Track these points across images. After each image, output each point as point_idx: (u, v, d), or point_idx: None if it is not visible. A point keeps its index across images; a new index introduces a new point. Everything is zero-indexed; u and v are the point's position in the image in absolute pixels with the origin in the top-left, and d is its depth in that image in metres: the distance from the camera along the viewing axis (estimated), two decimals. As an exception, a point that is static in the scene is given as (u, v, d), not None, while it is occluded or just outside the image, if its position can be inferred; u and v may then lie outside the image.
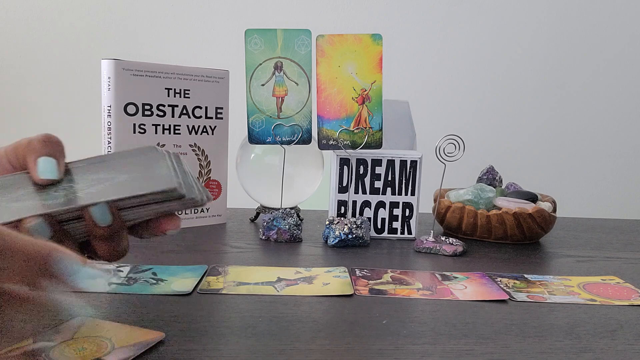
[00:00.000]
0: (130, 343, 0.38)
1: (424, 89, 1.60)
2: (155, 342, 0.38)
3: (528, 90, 1.62)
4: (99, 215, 0.35)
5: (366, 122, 0.72)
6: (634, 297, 0.52)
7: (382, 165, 0.71)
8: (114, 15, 1.53)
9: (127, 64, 0.68)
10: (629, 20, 1.60)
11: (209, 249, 0.64)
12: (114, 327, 0.40)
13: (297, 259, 0.62)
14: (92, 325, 0.41)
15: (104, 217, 0.35)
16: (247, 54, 0.71)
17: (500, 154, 1.57)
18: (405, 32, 1.57)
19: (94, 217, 0.35)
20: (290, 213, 0.70)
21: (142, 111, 0.69)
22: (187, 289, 0.49)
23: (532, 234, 0.71)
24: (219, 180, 0.77)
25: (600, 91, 1.63)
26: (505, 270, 0.60)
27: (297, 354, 0.37)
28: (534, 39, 1.60)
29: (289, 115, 0.73)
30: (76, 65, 1.53)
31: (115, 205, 0.36)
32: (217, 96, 0.75)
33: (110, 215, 0.36)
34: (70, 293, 0.32)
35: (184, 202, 0.37)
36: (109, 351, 0.36)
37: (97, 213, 0.35)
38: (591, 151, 1.65)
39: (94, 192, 0.36)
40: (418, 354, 0.38)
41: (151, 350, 0.37)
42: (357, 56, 0.71)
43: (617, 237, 0.78)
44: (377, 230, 0.72)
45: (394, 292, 0.51)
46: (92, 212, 0.35)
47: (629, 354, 0.39)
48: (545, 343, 0.41)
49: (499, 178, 0.81)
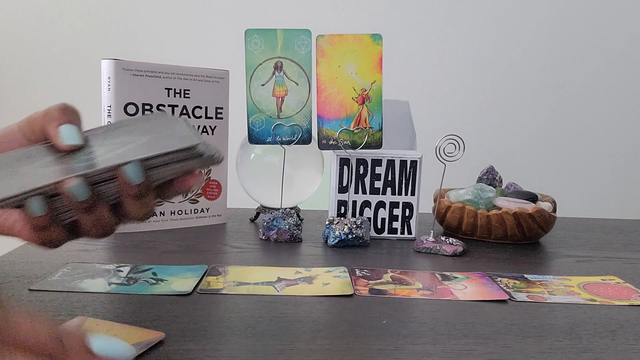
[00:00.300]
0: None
1: (424, 89, 1.59)
2: (156, 341, 0.38)
3: (528, 90, 1.62)
4: (132, 173, 0.36)
5: (366, 122, 0.72)
6: (634, 297, 0.52)
7: (382, 165, 0.71)
8: (114, 15, 1.53)
9: (127, 64, 0.68)
10: (629, 21, 1.60)
11: (209, 249, 0.64)
12: (114, 327, 0.40)
13: (297, 259, 0.62)
14: (92, 325, 0.41)
15: (137, 175, 0.36)
16: (247, 54, 0.71)
17: (500, 154, 1.56)
18: (405, 32, 1.57)
19: (127, 175, 0.36)
20: (290, 213, 0.70)
21: (142, 111, 0.69)
22: (187, 289, 0.49)
23: (532, 234, 0.71)
24: (219, 180, 0.77)
25: (600, 91, 1.63)
26: (505, 270, 0.60)
27: (297, 354, 0.37)
28: (534, 39, 1.60)
29: (289, 115, 0.73)
30: (76, 65, 1.53)
31: (145, 164, 0.37)
32: (217, 96, 0.75)
33: (143, 173, 0.36)
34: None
35: (203, 159, 0.38)
36: None
37: (130, 171, 0.36)
38: (591, 151, 1.65)
39: (123, 153, 0.37)
40: (418, 354, 0.38)
41: (151, 350, 0.37)
42: (357, 56, 0.71)
43: (617, 237, 0.78)
44: (377, 230, 0.72)
45: (394, 292, 0.51)
46: (126, 170, 0.36)
47: (629, 354, 0.39)
48: (545, 343, 0.41)
49: (499, 178, 0.81)
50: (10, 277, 0.51)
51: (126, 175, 0.36)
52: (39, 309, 0.43)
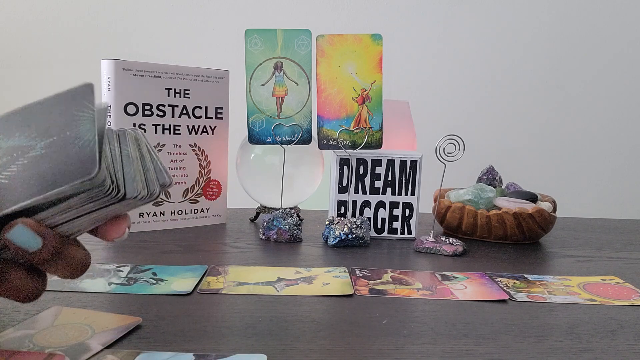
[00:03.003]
0: (110, 327, 0.39)
1: (424, 89, 1.59)
2: (134, 326, 0.40)
3: (528, 90, 1.62)
4: (22, 241, 0.27)
5: (366, 122, 0.72)
6: (634, 297, 0.52)
7: (382, 165, 0.71)
8: (114, 15, 1.53)
9: (127, 64, 0.68)
10: (629, 21, 1.60)
11: (209, 249, 0.64)
12: (91, 314, 0.42)
13: (297, 259, 0.62)
14: (69, 313, 0.42)
15: (30, 241, 0.28)
16: (247, 54, 0.71)
17: (500, 154, 1.57)
18: (405, 32, 1.57)
19: (17, 245, 0.28)
20: (290, 213, 0.70)
21: (142, 111, 0.69)
22: (187, 289, 0.49)
23: (532, 234, 0.71)
24: (219, 180, 0.77)
25: (600, 91, 1.63)
26: (505, 270, 0.60)
27: (297, 354, 0.37)
28: (534, 39, 1.60)
29: (289, 115, 0.73)
30: (76, 65, 1.53)
31: (37, 218, 0.28)
32: (217, 96, 0.75)
33: (38, 238, 0.28)
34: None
35: (112, 197, 0.29)
36: (90, 335, 0.38)
37: (18, 239, 0.27)
38: (591, 151, 1.65)
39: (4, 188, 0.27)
40: (418, 354, 0.38)
41: (151, 351, 0.37)
42: (357, 56, 0.71)
43: (617, 237, 0.78)
44: (377, 230, 0.72)
45: (394, 292, 0.51)
46: (12, 239, 0.27)
47: (629, 354, 0.39)
48: (545, 343, 0.41)
49: (499, 178, 0.81)
50: (10, 277, 0.51)
51: (15, 245, 0.27)
52: (39, 309, 0.43)
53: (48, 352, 0.35)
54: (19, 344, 0.36)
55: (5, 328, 0.39)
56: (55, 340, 0.37)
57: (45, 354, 0.35)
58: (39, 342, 0.36)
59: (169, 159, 0.72)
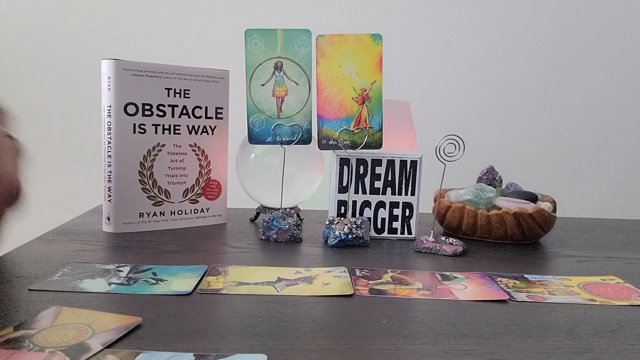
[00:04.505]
0: (110, 327, 0.39)
1: (424, 89, 1.59)
2: (134, 326, 0.40)
3: (528, 90, 1.62)
4: None
5: (366, 122, 0.72)
6: (634, 297, 0.52)
7: (382, 165, 0.71)
8: (114, 15, 1.53)
9: (127, 64, 0.68)
10: (630, 21, 1.60)
11: (209, 249, 0.64)
12: (91, 314, 0.42)
13: (297, 259, 0.62)
14: (69, 313, 0.42)
15: None
16: (247, 54, 0.71)
17: (500, 154, 1.57)
18: (405, 32, 1.57)
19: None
20: (290, 213, 0.70)
21: (142, 111, 0.69)
22: (187, 289, 0.49)
23: (532, 234, 0.71)
24: (219, 180, 0.77)
25: (600, 91, 1.63)
26: (505, 270, 0.60)
27: (297, 354, 0.37)
28: (535, 39, 1.60)
29: (289, 115, 0.73)
30: (76, 65, 1.53)
31: None
32: (217, 96, 0.75)
33: None
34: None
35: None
36: (90, 335, 0.38)
37: None
38: (591, 151, 1.65)
39: None
40: (418, 354, 0.38)
41: (151, 351, 0.37)
42: (357, 56, 0.71)
43: (617, 237, 0.78)
44: (377, 230, 0.72)
45: (394, 292, 0.51)
46: None
47: (629, 354, 0.39)
48: (545, 343, 0.41)
49: (499, 178, 0.81)
50: (10, 277, 0.51)
51: None
52: (39, 309, 0.43)
53: (48, 352, 0.35)
54: (19, 344, 0.36)
55: (5, 328, 0.39)
56: (55, 340, 0.37)
57: (45, 354, 0.35)
58: (39, 342, 0.36)
59: (169, 159, 0.72)
